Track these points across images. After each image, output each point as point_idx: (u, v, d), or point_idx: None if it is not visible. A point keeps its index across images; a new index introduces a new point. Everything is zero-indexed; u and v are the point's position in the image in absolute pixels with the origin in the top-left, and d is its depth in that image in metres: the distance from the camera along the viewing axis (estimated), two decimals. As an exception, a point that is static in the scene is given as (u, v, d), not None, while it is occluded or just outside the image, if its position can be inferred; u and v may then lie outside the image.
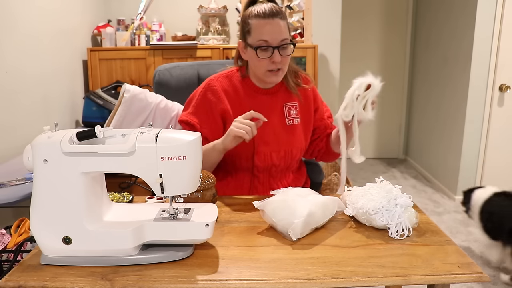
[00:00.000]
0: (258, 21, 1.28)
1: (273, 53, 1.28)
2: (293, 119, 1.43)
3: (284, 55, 1.30)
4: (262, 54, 1.28)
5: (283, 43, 1.28)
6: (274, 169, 1.42)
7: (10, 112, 1.96)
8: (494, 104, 3.19)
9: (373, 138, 4.65)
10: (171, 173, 0.88)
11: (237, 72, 1.44)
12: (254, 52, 1.29)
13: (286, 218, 1.00)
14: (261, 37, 1.27)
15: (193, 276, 0.85)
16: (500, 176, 3.31)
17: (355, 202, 1.09)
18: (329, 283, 0.83)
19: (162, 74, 1.86)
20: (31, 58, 2.18)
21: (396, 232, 1.02)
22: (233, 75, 1.43)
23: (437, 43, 3.78)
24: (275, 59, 1.28)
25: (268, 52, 1.28)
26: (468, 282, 0.86)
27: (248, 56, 1.35)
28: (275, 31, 1.27)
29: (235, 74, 1.43)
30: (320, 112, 1.51)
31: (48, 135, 0.88)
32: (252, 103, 1.39)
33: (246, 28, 1.31)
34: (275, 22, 1.27)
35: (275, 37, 1.27)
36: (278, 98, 1.43)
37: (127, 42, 2.98)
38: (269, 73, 1.32)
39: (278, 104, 1.43)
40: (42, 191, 0.89)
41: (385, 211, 1.03)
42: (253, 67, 1.37)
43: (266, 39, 1.27)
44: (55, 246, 0.89)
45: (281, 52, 1.28)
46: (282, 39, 1.28)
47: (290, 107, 1.43)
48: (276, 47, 1.27)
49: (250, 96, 1.41)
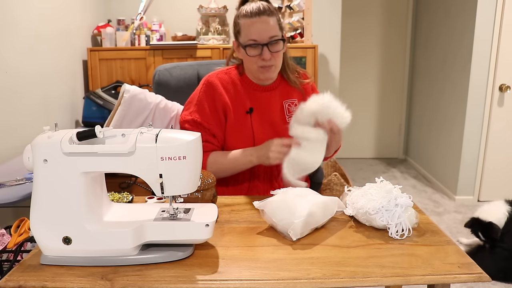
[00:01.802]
0: (245, 20, 1.31)
1: (263, 50, 1.30)
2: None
3: (274, 51, 1.32)
4: (251, 52, 1.32)
5: (272, 39, 1.31)
6: (274, 167, 1.42)
7: (10, 112, 1.96)
8: (494, 104, 3.19)
9: (373, 138, 4.65)
10: (171, 173, 0.88)
11: (235, 70, 1.45)
12: (245, 51, 1.32)
13: (286, 218, 1.00)
14: (250, 36, 1.30)
15: (193, 276, 0.85)
16: (500, 176, 3.31)
17: (355, 202, 1.09)
18: (329, 283, 0.83)
19: (162, 74, 1.86)
20: (31, 58, 2.18)
21: (396, 232, 1.02)
22: (232, 72, 1.45)
23: (437, 43, 3.78)
24: (265, 57, 1.31)
25: (257, 49, 1.31)
26: (468, 282, 0.86)
27: (241, 55, 1.39)
28: (263, 29, 1.29)
29: (234, 71, 1.45)
30: None
31: (48, 135, 0.88)
32: (251, 100, 1.40)
33: (237, 28, 1.36)
34: (262, 20, 1.29)
35: (263, 35, 1.29)
36: (277, 95, 1.44)
37: (127, 42, 2.98)
38: (262, 69, 1.35)
39: (278, 101, 1.43)
40: (42, 191, 0.89)
41: (385, 211, 1.03)
42: (247, 65, 1.40)
43: (254, 38, 1.30)
44: (55, 246, 0.89)
45: (270, 48, 1.31)
46: (271, 36, 1.30)
47: (290, 104, 1.44)
48: (265, 44, 1.30)
49: (249, 93, 1.42)
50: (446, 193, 3.53)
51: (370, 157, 4.67)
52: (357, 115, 4.44)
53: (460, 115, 3.29)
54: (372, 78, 4.51)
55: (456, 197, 3.36)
